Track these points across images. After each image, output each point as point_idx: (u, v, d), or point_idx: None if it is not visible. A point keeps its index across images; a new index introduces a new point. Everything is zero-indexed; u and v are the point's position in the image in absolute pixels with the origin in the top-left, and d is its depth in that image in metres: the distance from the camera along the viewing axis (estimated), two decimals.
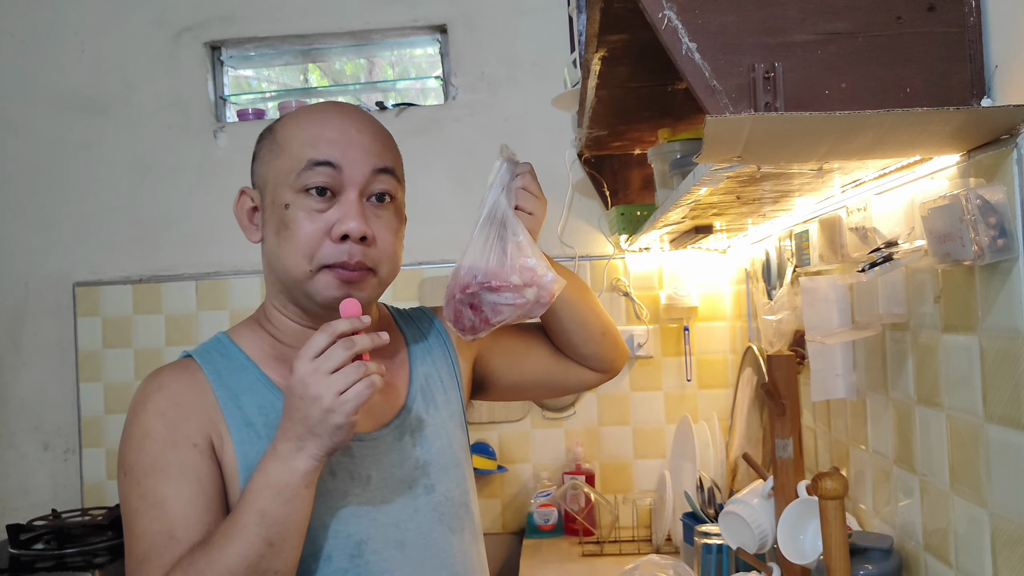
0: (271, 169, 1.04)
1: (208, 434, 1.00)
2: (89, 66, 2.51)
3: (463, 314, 1.05)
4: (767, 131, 0.84)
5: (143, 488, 0.97)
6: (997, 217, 0.87)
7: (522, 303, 1.03)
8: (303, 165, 1.01)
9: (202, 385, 1.02)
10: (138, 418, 1.01)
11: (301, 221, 1.00)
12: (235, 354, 1.06)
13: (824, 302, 1.31)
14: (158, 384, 1.02)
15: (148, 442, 0.98)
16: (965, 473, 1.01)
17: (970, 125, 0.86)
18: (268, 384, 1.04)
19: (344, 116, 1.06)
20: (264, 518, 0.91)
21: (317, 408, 0.91)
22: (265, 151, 1.07)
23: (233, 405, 1.02)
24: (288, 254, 1.01)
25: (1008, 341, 0.89)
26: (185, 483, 0.97)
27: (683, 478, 2.06)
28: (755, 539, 1.30)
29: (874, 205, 1.21)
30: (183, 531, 0.95)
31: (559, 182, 2.38)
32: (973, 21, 0.92)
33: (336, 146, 1.02)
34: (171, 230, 2.48)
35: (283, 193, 1.02)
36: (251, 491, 0.93)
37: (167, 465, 0.97)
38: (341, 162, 1.01)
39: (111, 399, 2.46)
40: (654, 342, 2.36)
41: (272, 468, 0.93)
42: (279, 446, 0.94)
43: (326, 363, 0.91)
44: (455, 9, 2.44)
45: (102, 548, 2.05)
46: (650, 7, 0.91)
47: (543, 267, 1.04)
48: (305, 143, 1.02)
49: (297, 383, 0.92)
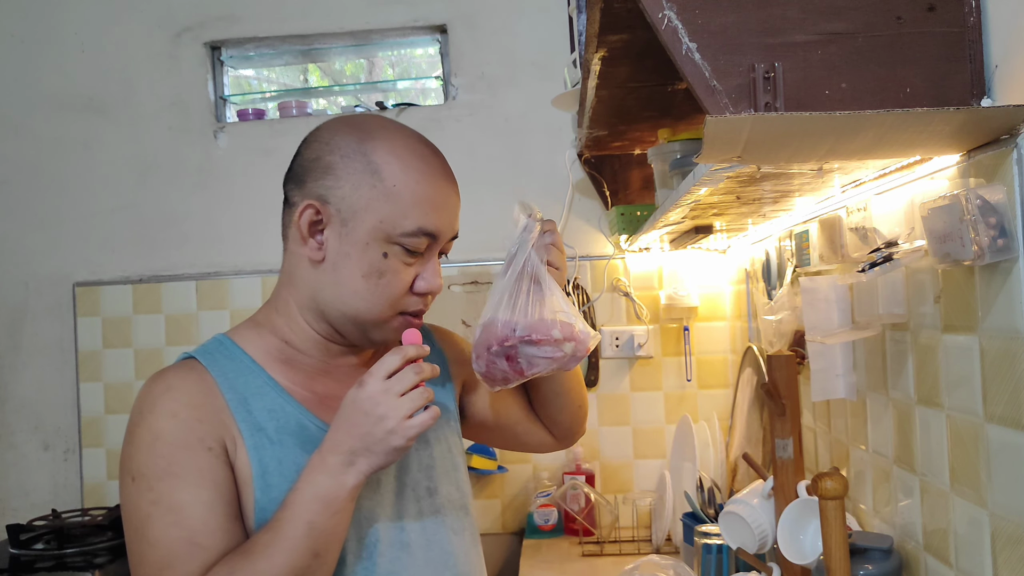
0: (370, 207, 1.01)
1: (221, 437, 0.98)
2: (89, 66, 2.51)
3: (496, 365, 1.08)
4: (767, 131, 0.84)
5: (156, 493, 0.94)
6: (997, 217, 0.87)
7: (559, 356, 1.07)
8: (413, 229, 1.02)
9: (211, 387, 1.00)
10: (146, 420, 0.97)
11: (398, 275, 1.03)
12: (240, 356, 1.05)
13: (824, 302, 1.31)
14: (165, 385, 0.99)
15: (159, 445, 0.95)
16: (965, 473, 1.01)
17: (970, 125, 0.86)
18: (276, 387, 1.03)
19: (448, 180, 1.07)
20: (312, 530, 0.92)
21: (381, 428, 0.93)
22: (358, 179, 1.01)
23: (243, 409, 1.00)
24: (375, 300, 1.02)
25: (1008, 341, 0.89)
26: (203, 488, 0.94)
27: (683, 478, 2.06)
28: (755, 539, 1.30)
29: (874, 205, 1.21)
30: (205, 537, 0.93)
31: (559, 182, 2.38)
32: (973, 21, 0.92)
33: (442, 216, 1.05)
34: (171, 230, 2.48)
35: (379, 237, 1.01)
36: (298, 502, 0.93)
37: (181, 469, 0.94)
38: (442, 232, 1.05)
39: (111, 399, 2.46)
40: (654, 342, 2.36)
41: (321, 481, 0.93)
42: (329, 459, 0.94)
43: (397, 385, 0.94)
44: (455, 9, 2.44)
45: (102, 548, 2.05)
46: (650, 7, 0.91)
47: (580, 322, 1.08)
48: (417, 203, 1.02)
49: (366, 399, 0.94)
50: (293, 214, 1.04)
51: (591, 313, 2.37)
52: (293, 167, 1.07)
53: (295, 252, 1.05)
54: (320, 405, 1.05)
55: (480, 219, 2.41)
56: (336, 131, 1.05)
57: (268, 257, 2.44)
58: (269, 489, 0.97)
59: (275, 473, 0.98)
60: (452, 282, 2.38)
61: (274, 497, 0.97)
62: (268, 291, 2.45)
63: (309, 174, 1.03)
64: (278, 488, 0.97)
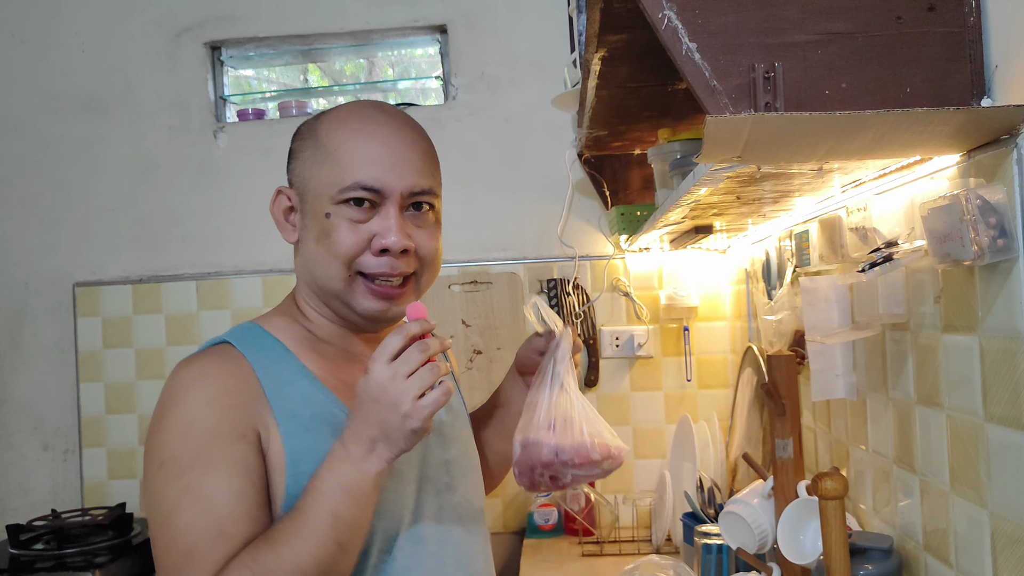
0: (314, 176, 1.04)
1: (255, 425, 0.97)
2: (89, 66, 2.51)
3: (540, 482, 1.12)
4: (767, 131, 0.84)
5: (187, 481, 0.92)
6: (997, 217, 0.87)
7: (597, 473, 1.13)
8: (349, 183, 1.01)
9: (247, 374, 0.99)
10: (180, 407, 0.96)
11: (342, 231, 1.01)
12: (272, 344, 1.04)
13: (824, 302, 1.30)
14: (200, 371, 0.98)
15: (194, 432, 0.94)
16: (965, 473, 1.01)
17: (970, 125, 0.86)
18: (308, 375, 1.03)
19: (391, 129, 1.05)
20: (337, 520, 0.91)
21: (395, 413, 0.91)
22: (308, 153, 1.05)
23: (279, 396, 0.99)
24: (327, 262, 1.02)
25: (1008, 341, 0.89)
26: (235, 476, 0.93)
27: (683, 478, 2.06)
28: (755, 539, 1.30)
29: (874, 205, 1.21)
30: (233, 526, 0.92)
31: (559, 182, 2.38)
32: (973, 21, 0.92)
33: (381, 165, 1.02)
34: (171, 230, 2.48)
35: (324, 202, 1.02)
36: (321, 491, 0.92)
37: (215, 457, 0.93)
38: (385, 183, 1.02)
39: (111, 399, 2.46)
40: (654, 342, 2.36)
41: (344, 470, 0.92)
42: (351, 448, 0.93)
43: (403, 367, 0.92)
44: (455, 9, 2.43)
45: (102, 548, 2.05)
46: (650, 7, 0.91)
47: (614, 440, 1.14)
48: (352, 159, 1.02)
49: (374, 386, 0.92)
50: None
51: (591, 313, 2.37)
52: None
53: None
54: (349, 393, 1.04)
55: (480, 219, 2.42)
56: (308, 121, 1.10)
57: (268, 257, 2.44)
58: (300, 477, 0.96)
59: (307, 461, 0.97)
60: (452, 282, 2.38)
61: (304, 485, 0.96)
62: (268, 291, 2.47)
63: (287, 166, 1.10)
64: (309, 476, 0.96)
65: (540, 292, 2.39)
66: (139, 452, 2.43)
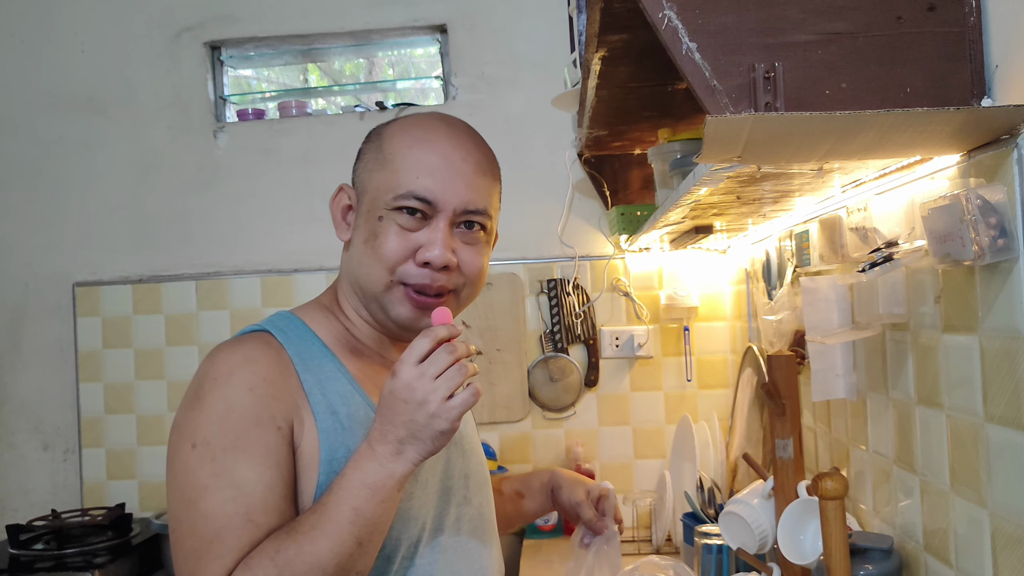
0: (372, 179, 1.05)
1: (291, 417, 0.96)
2: (89, 66, 2.51)
3: None
4: (767, 131, 0.84)
5: (219, 465, 0.91)
6: (997, 217, 0.87)
7: None
8: (403, 192, 1.02)
9: (287, 365, 0.99)
10: (221, 390, 0.94)
11: (390, 236, 1.02)
12: (312, 339, 1.04)
13: (824, 302, 1.30)
14: (244, 356, 0.97)
15: (233, 417, 0.93)
16: (965, 473, 1.01)
17: (970, 125, 0.86)
18: (347, 375, 1.03)
19: (453, 142, 1.05)
20: (359, 517, 0.90)
21: (423, 413, 0.91)
22: (370, 157, 1.07)
23: (318, 391, 0.99)
24: (371, 263, 1.03)
25: (1008, 341, 0.89)
26: (268, 467, 0.93)
27: (683, 478, 2.06)
28: (755, 539, 1.30)
29: (874, 205, 1.21)
30: (262, 516, 0.91)
31: (559, 182, 2.38)
32: (973, 21, 0.92)
33: (436, 177, 1.02)
34: (171, 230, 2.48)
35: (379, 205, 1.03)
36: (345, 488, 0.91)
37: (250, 444, 0.92)
38: (438, 197, 1.02)
39: (111, 399, 2.46)
40: (654, 342, 2.36)
41: (370, 468, 0.92)
42: (378, 448, 0.93)
43: (431, 368, 0.92)
44: (455, 9, 2.43)
45: (102, 548, 2.05)
46: (650, 7, 0.90)
47: None
48: (409, 167, 1.02)
49: (402, 387, 0.92)
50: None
51: (591, 313, 2.37)
52: None
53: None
54: None
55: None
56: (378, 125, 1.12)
57: (268, 257, 2.44)
58: (334, 475, 0.96)
59: (343, 460, 0.97)
60: None
61: None
62: (267, 291, 2.47)
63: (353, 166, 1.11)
64: None
65: (540, 292, 2.39)
66: (139, 453, 2.43)
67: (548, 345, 2.37)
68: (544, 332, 2.38)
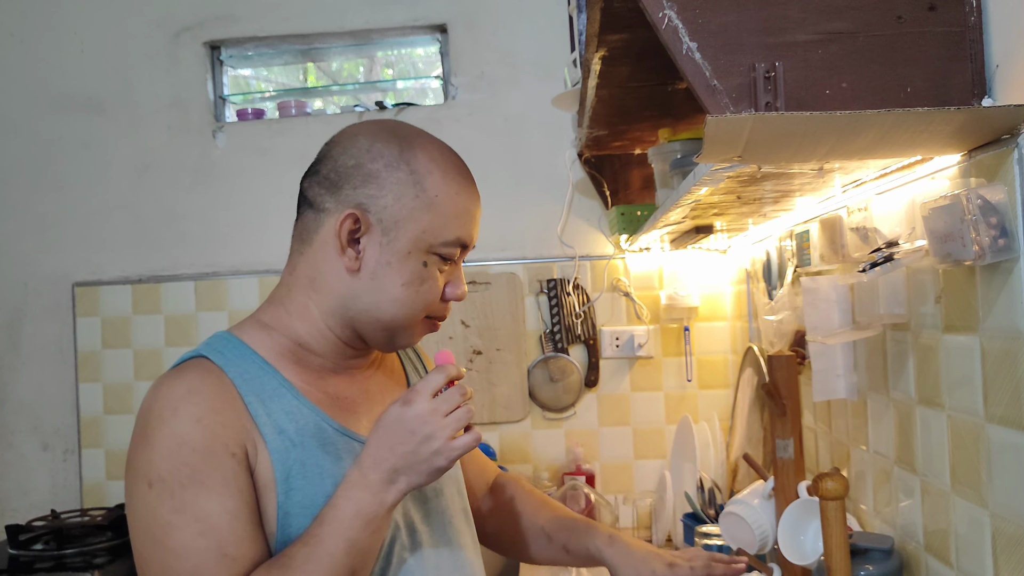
0: (413, 218, 1.01)
1: (243, 442, 0.95)
2: (89, 66, 2.51)
3: None
4: (768, 131, 0.84)
5: (179, 501, 0.91)
6: (998, 217, 0.87)
7: None
8: (452, 239, 1.03)
9: (230, 389, 0.97)
10: (168, 425, 0.93)
11: (436, 283, 1.04)
12: (252, 356, 1.02)
13: (825, 302, 1.30)
14: (186, 388, 0.96)
15: (185, 451, 0.92)
16: (966, 473, 1.00)
17: (971, 125, 0.86)
18: (291, 389, 1.01)
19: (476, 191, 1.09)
20: (352, 548, 0.91)
21: (427, 448, 0.93)
22: (401, 188, 1.01)
23: (263, 411, 0.98)
24: (413, 306, 1.03)
25: (1009, 341, 0.89)
26: (230, 496, 0.92)
27: (683, 479, 2.06)
28: (756, 540, 1.30)
29: (875, 205, 1.20)
30: (234, 548, 0.91)
31: (559, 182, 2.38)
32: (974, 21, 0.92)
33: (475, 226, 1.07)
34: (170, 230, 2.48)
35: (419, 247, 1.01)
36: (339, 519, 0.92)
37: (207, 477, 0.92)
38: (472, 243, 1.07)
39: (110, 399, 2.46)
40: (654, 342, 2.36)
41: (362, 498, 0.93)
42: (370, 476, 0.93)
43: (444, 405, 0.94)
44: (455, 9, 2.43)
45: (102, 548, 2.05)
46: (650, 6, 0.90)
47: None
48: (457, 214, 1.03)
49: (413, 418, 0.93)
50: (327, 221, 1.02)
51: (591, 313, 2.37)
52: (324, 172, 1.04)
53: (326, 259, 1.02)
54: (333, 406, 1.04)
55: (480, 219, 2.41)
56: (376, 138, 1.03)
57: (266, 257, 2.44)
58: (292, 493, 0.96)
59: (299, 476, 0.96)
60: None
61: (297, 501, 0.96)
62: (266, 291, 2.45)
63: (348, 181, 1.01)
64: (301, 491, 0.96)
65: (540, 292, 2.38)
66: None
67: (548, 345, 2.37)
68: (544, 332, 2.38)
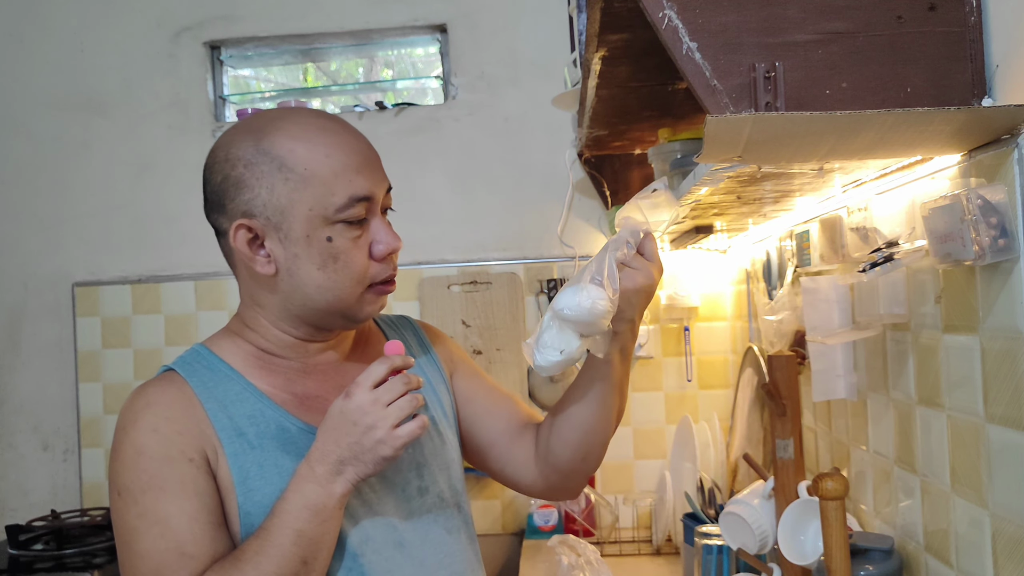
0: (293, 201, 0.99)
1: (202, 448, 0.99)
2: (89, 66, 2.51)
3: None
4: (768, 131, 0.84)
5: (141, 506, 0.96)
6: (998, 217, 0.87)
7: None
8: (344, 201, 1.00)
9: (190, 398, 1.01)
10: (128, 436, 0.99)
11: (352, 253, 1.01)
12: (218, 365, 1.05)
13: (825, 302, 1.30)
14: (145, 401, 1.01)
15: (143, 460, 0.97)
16: (966, 474, 1.00)
17: (971, 125, 0.86)
18: (255, 392, 1.04)
19: (357, 139, 1.04)
20: (301, 538, 0.94)
21: (370, 438, 0.95)
22: (270, 179, 0.99)
23: (223, 416, 1.01)
24: (341, 284, 1.02)
25: (1009, 341, 0.89)
26: (186, 499, 0.96)
27: (683, 479, 2.06)
28: (756, 540, 1.30)
29: (875, 205, 1.20)
30: (193, 547, 0.95)
31: (559, 182, 2.38)
32: (974, 21, 0.92)
33: (367, 176, 1.02)
34: (170, 230, 2.48)
35: (317, 225, 1.00)
36: (286, 511, 0.95)
37: (164, 482, 0.96)
38: (372, 189, 1.02)
39: (110, 399, 2.46)
40: (654, 342, 2.36)
41: (309, 490, 0.95)
42: (317, 468, 0.96)
43: (385, 395, 0.95)
44: (455, 9, 2.43)
45: (101, 548, 2.05)
46: (650, 7, 0.90)
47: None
48: (337, 176, 1.00)
49: (354, 409, 0.95)
50: (228, 240, 1.03)
51: None
52: (208, 196, 1.05)
53: (250, 273, 1.05)
54: (300, 406, 1.05)
55: (480, 219, 2.41)
56: (230, 143, 1.02)
57: None
58: (251, 493, 0.99)
59: (256, 477, 0.99)
60: (451, 282, 2.38)
61: (257, 501, 0.98)
62: None
63: (225, 196, 1.02)
64: (260, 491, 0.99)
65: (540, 292, 2.38)
66: None
67: None
68: None
